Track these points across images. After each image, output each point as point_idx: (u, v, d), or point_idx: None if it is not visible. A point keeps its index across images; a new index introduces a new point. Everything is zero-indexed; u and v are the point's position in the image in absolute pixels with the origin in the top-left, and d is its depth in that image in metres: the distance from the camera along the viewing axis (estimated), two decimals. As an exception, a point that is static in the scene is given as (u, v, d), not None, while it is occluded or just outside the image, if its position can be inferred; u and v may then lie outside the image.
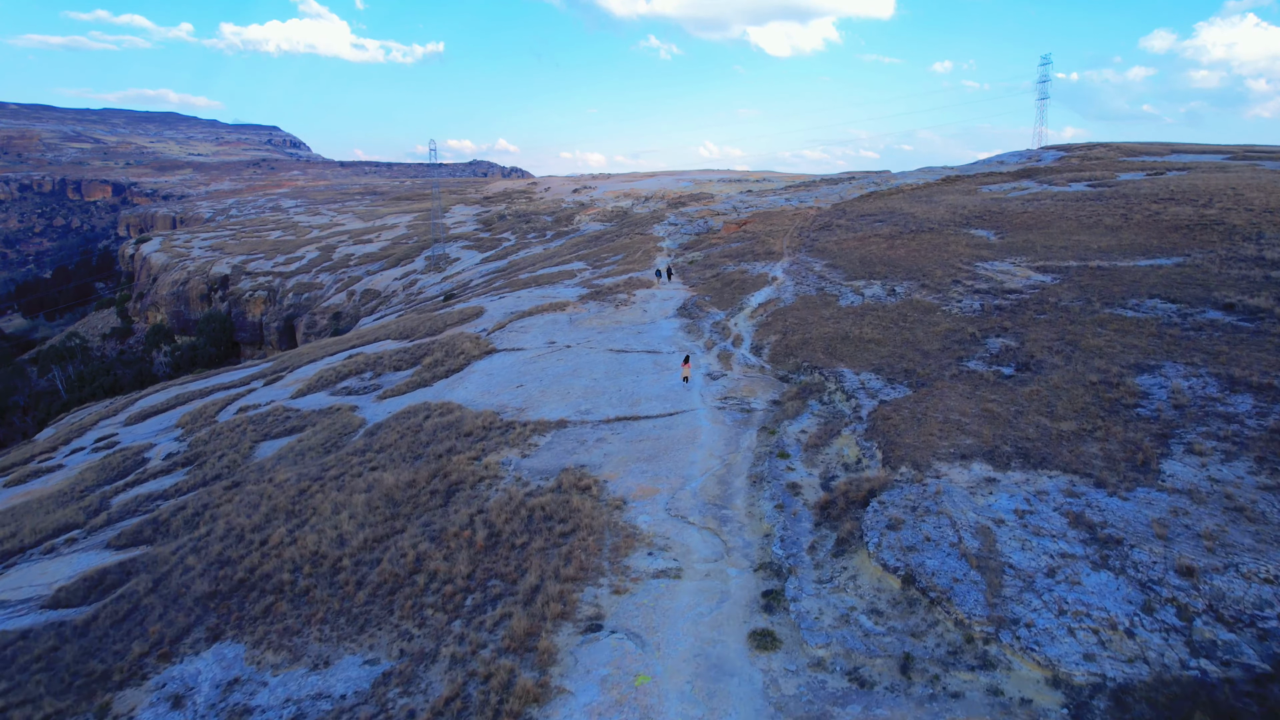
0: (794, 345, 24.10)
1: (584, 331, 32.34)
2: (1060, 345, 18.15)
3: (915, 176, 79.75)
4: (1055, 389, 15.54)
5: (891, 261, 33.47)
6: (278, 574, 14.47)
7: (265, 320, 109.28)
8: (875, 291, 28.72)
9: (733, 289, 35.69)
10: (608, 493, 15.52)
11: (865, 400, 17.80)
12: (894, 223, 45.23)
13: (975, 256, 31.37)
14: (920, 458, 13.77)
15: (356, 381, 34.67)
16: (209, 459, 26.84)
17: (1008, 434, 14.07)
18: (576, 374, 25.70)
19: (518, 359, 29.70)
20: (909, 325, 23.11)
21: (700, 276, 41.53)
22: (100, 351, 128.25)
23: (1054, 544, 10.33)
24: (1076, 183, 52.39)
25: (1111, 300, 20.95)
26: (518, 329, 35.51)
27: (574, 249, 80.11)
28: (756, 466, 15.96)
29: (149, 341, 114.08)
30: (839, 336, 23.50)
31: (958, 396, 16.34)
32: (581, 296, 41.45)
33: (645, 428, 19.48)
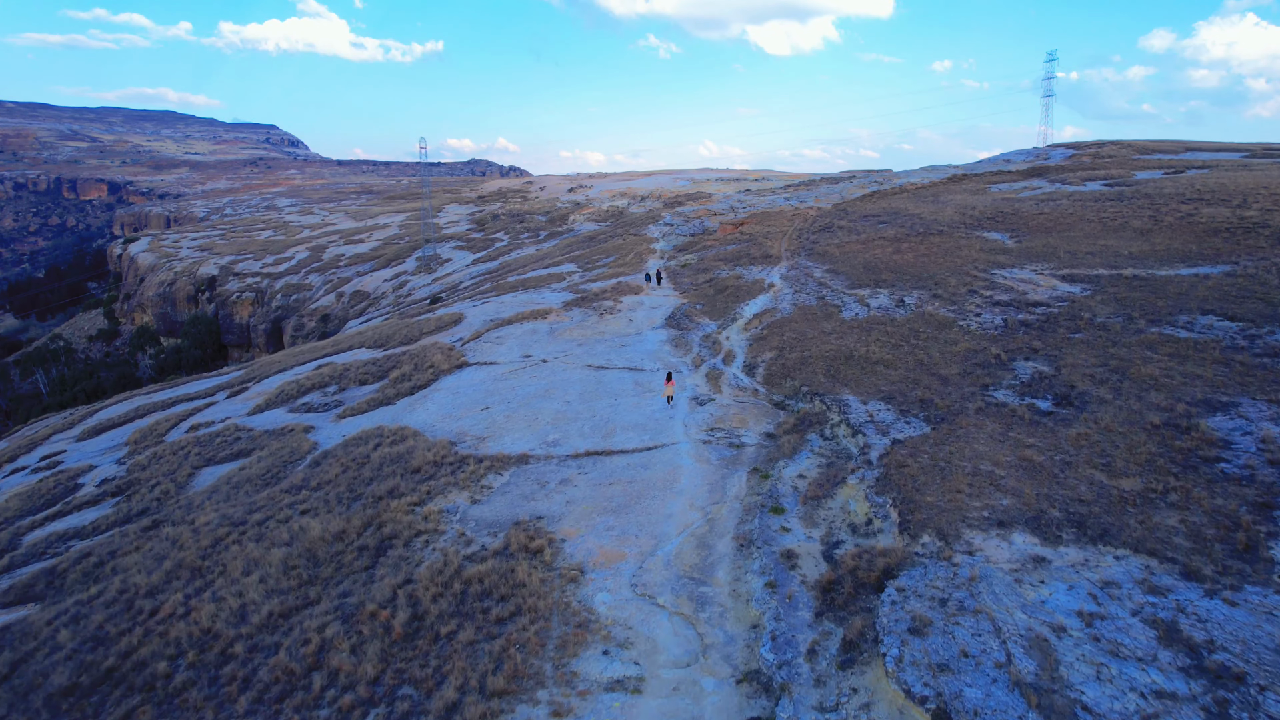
0: (792, 365, 21.32)
1: (563, 344, 29.59)
2: (1105, 373, 15.37)
3: (919, 175, 76.93)
4: (1108, 432, 12.76)
5: (899, 267, 30.68)
6: (155, 662, 11.72)
7: (253, 322, 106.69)
8: (882, 302, 25.92)
9: (726, 296, 32.91)
10: (564, 557, 12.76)
11: (874, 437, 15.04)
12: (899, 224, 42.43)
13: (991, 262, 28.57)
14: (947, 523, 11.01)
15: (319, 397, 31.93)
16: (142, 488, 24.11)
17: (1055, 493, 11.30)
18: (548, 395, 22.95)
19: (488, 375, 26.96)
20: (922, 343, 20.33)
21: (693, 282, 38.77)
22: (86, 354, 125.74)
23: (1142, 673, 7.56)
24: (1091, 181, 49.58)
25: (1158, 317, 18.16)
26: (494, 339, 32.78)
27: (566, 250, 77.43)
28: (745, 523, 13.20)
29: (133, 344, 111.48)
30: (842, 355, 20.72)
31: (987, 438, 13.57)
32: (566, 303, 38.73)
33: (618, 466, 16.72)
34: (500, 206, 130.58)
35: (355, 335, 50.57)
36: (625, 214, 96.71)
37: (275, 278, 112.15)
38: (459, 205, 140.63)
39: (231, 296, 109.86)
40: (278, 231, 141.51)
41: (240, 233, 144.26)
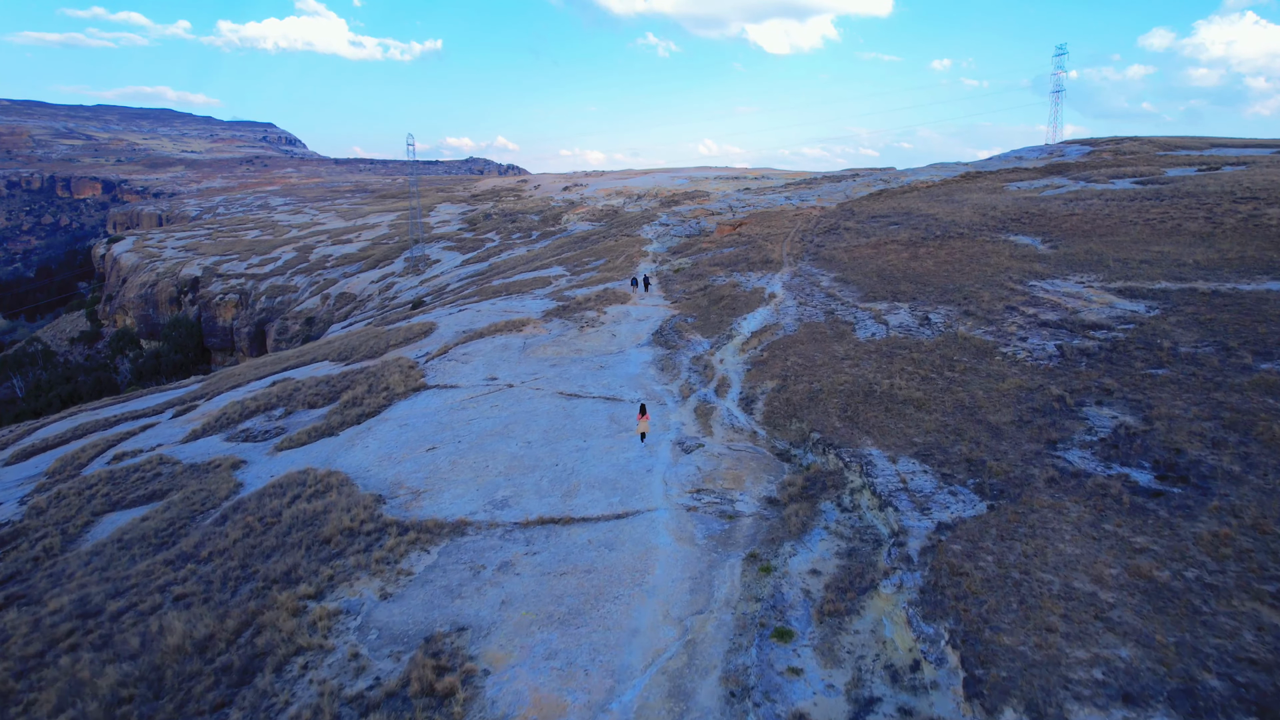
0: (798, 400, 17.51)
1: (534, 364, 25.82)
2: (1219, 431, 11.57)
3: (928, 173, 72.98)
4: (1258, 533, 8.96)
5: (918, 276, 26.86)
6: None
7: (236, 325, 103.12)
8: (903, 319, 22.09)
9: (722, 308, 29.10)
10: (481, 707, 8.99)
11: (911, 515, 11.27)
12: (913, 226, 38.58)
13: (1027, 271, 24.75)
14: (1041, 689, 7.23)
15: (262, 421, 28.19)
16: (26, 541, 20.34)
17: (1203, 642, 7.50)
18: (507, 433, 19.16)
19: (445, 403, 23.21)
20: (959, 376, 16.52)
21: (685, 290, 34.96)
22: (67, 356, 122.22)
23: None
24: (1119, 179, 45.69)
25: (1265, 348, 14.35)
26: (460, 356, 29.03)
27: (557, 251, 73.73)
28: (738, 652, 9.42)
29: (113, 347, 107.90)
30: (860, 390, 16.91)
31: (1073, 531, 9.77)
32: (546, 312, 34.98)
33: (576, 543, 12.94)
34: (493, 206, 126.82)
35: (322, 345, 46.88)
36: (620, 213, 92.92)
37: (260, 279, 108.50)
38: (451, 204, 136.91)
39: (215, 298, 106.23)
40: (265, 231, 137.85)
41: (227, 232, 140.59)
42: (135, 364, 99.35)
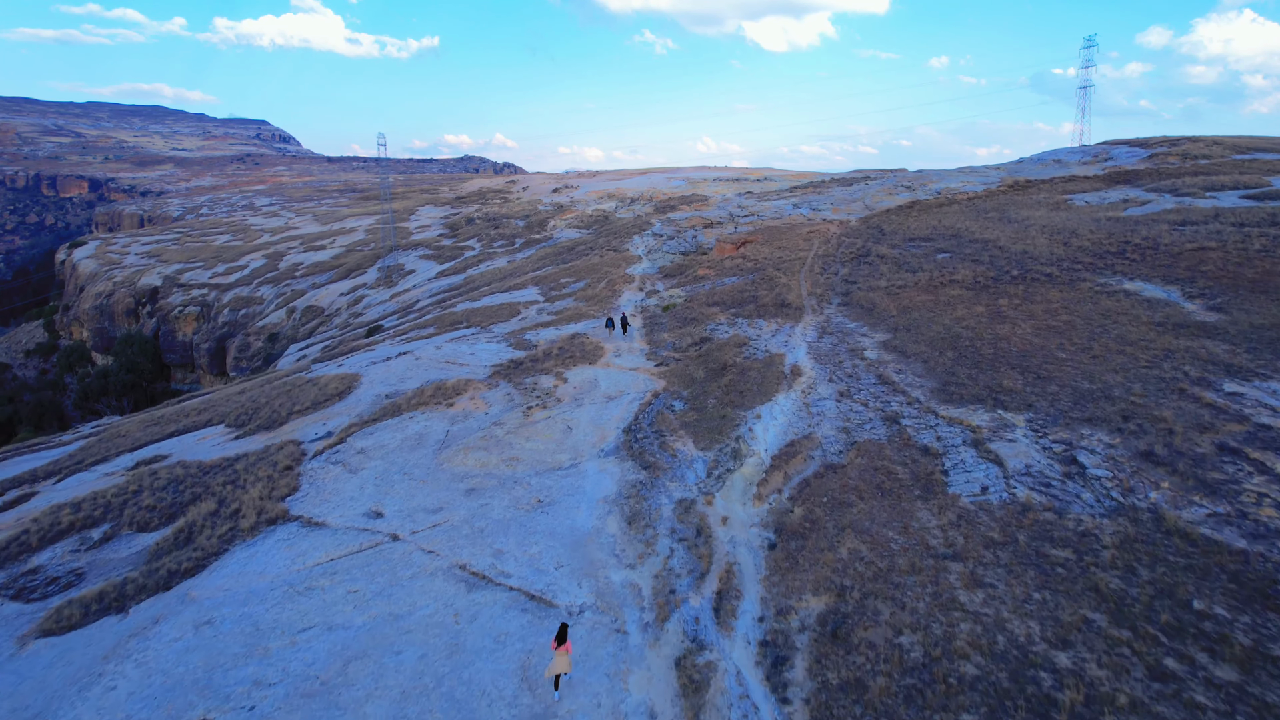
0: (886, 671, 9.01)
1: (444, 485, 17.27)
2: None
3: (958, 178, 64.05)
4: None
5: (1021, 355, 18.20)
6: None
7: (196, 340, 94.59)
8: (1028, 455, 13.42)
9: (724, 387, 20.47)
10: None
11: None
12: (972, 257, 29.90)
13: (1199, 357, 16.07)
14: None
15: (67, 552, 19.66)
16: None
17: None
18: (343, 680, 10.63)
19: (287, 572, 14.72)
20: (1211, 646, 7.97)
21: (675, 342, 26.35)
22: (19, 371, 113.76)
23: None
24: (1216, 191, 36.94)
25: None
26: (355, 454, 20.52)
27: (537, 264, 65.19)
28: None
29: (61, 364, 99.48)
30: (1015, 670, 8.38)
31: None
32: (495, 370, 26.48)
33: None
34: (478, 209, 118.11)
35: (231, 397, 38.19)
36: (611, 219, 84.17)
37: (225, 289, 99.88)
38: (434, 207, 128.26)
39: (174, 311, 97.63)
40: (236, 236, 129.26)
41: (195, 237, 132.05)
42: (82, 384, 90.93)
